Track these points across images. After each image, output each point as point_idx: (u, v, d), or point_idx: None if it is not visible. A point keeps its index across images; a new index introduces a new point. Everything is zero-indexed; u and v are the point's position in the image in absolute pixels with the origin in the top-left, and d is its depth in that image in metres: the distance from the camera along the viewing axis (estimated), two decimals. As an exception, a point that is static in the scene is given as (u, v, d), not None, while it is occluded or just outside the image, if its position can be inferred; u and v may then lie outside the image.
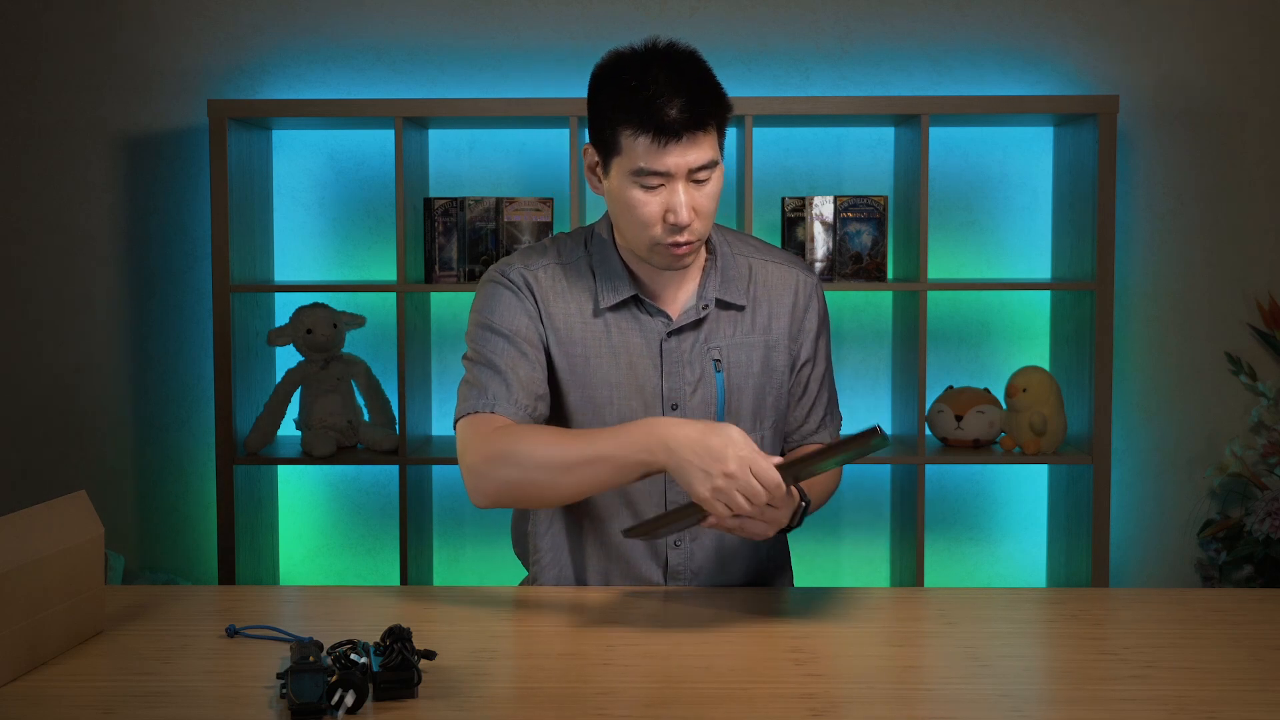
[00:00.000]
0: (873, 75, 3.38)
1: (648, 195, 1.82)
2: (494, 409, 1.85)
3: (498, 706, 1.49)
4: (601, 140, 1.84)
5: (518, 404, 1.86)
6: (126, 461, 3.48)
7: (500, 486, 1.79)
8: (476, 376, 1.89)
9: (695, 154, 1.80)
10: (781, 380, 2.01)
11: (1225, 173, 3.39)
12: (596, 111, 1.85)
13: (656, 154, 1.78)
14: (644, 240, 1.85)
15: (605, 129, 1.83)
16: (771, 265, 2.03)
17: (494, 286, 1.95)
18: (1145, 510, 3.44)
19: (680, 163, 1.79)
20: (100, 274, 3.44)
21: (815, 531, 3.43)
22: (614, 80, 1.82)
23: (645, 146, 1.78)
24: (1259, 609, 1.85)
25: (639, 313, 1.94)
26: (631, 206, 1.83)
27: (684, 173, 1.80)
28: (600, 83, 1.85)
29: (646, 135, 1.78)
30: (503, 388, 1.86)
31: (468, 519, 3.47)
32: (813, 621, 1.80)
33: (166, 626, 1.77)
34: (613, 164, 1.84)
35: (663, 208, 1.82)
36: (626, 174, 1.82)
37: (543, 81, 3.38)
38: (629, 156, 1.80)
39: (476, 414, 1.86)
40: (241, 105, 3.11)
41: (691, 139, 1.79)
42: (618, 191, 1.84)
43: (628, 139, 1.80)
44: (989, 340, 3.44)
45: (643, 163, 1.79)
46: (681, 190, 1.81)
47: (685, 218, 1.81)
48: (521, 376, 1.88)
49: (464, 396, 1.89)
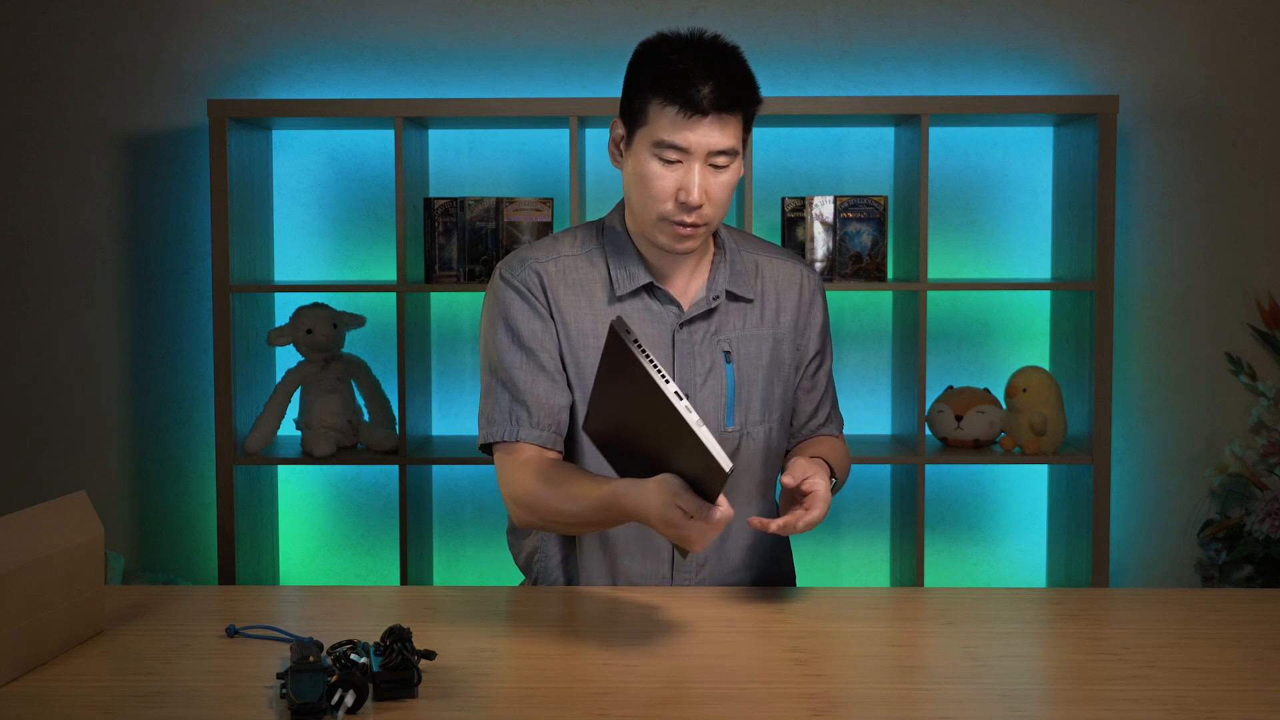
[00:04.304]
0: (873, 75, 3.38)
1: (665, 169, 1.86)
2: (518, 437, 1.93)
3: (498, 706, 1.49)
4: (630, 111, 1.89)
5: (541, 427, 1.93)
6: (126, 461, 3.48)
7: (529, 524, 1.93)
8: (498, 400, 1.95)
9: (718, 136, 1.84)
10: (788, 374, 2.04)
11: (1225, 173, 3.39)
12: (631, 82, 1.90)
13: (680, 128, 1.83)
14: (652, 215, 1.89)
15: (636, 99, 1.88)
16: (777, 261, 2.07)
17: (505, 291, 1.97)
18: (1145, 510, 3.44)
19: (702, 142, 1.83)
20: (100, 274, 3.44)
21: (815, 531, 3.43)
22: (654, 54, 1.87)
23: (671, 118, 1.83)
24: (1259, 609, 1.85)
25: (651, 302, 1.97)
26: (647, 179, 1.87)
27: (703, 153, 1.84)
28: (640, 56, 1.90)
29: (674, 106, 1.83)
30: (524, 412, 1.93)
31: (468, 519, 3.47)
32: (813, 621, 1.80)
33: (166, 626, 1.77)
34: (637, 135, 1.88)
35: (677, 185, 1.86)
36: (648, 145, 1.86)
37: (543, 81, 3.38)
38: (654, 127, 1.85)
39: (504, 443, 1.94)
40: (241, 105, 3.11)
41: (717, 119, 1.83)
42: (637, 164, 1.88)
43: (656, 109, 1.84)
44: (989, 340, 3.44)
45: (666, 135, 1.84)
46: (698, 170, 1.85)
47: (697, 197, 1.85)
48: (540, 394, 1.93)
49: (489, 418, 1.96)
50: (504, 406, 1.94)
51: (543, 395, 1.93)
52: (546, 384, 1.94)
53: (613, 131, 1.94)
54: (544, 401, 1.93)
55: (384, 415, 3.28)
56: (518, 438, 1.93)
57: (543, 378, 1.94)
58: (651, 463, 1.68)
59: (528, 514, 1.91)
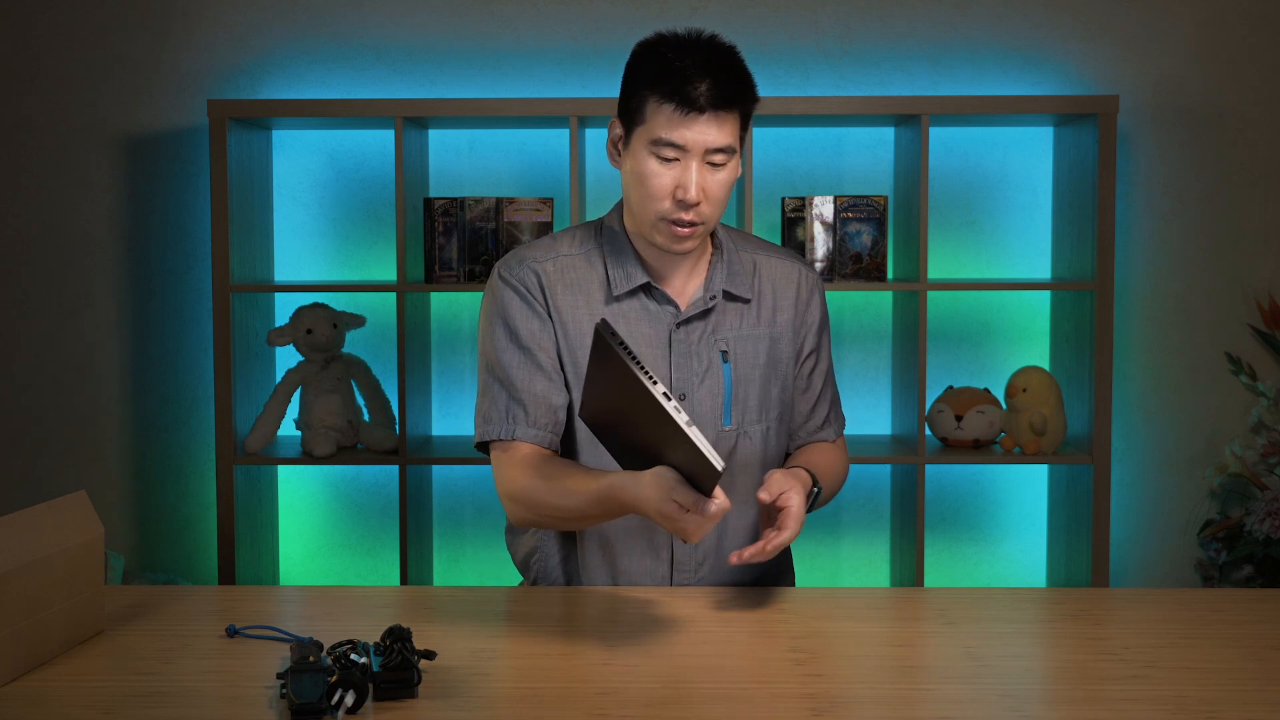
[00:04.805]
0: (873, 75, 3.38)
1: (662, 167, 1.86)
2: (514, 435, 1.94)
3: (498, 706, 1.49)
4: (628, 110, 1.90)
5: (537, 425, 1.94)
6: (126, 461, 3.48)
7: (526, 521, 1.95)
8: (495, 399, 1.96)
9: (714, 133, 1.84)
10: (786, 373, 2.04)
11: (1225, 173, 3.39)
12: (629, 81, 1.91)
13: (677, 125, 1.84)
14: (650, 214, 1.89)
15: (633, 98, 1.89)
16: (775, 260, 2.07)
17: (504, 290, 1.98)
18: (1145, 510, 3.44)
19: (698, 139, 1.84)
20: (100, 274, 3.44)
21: (815, 531, 3.43)
22: (651, 53, 1.88)
23: (668, 116, 1.84)
24: (1259, 609, 1.85)
25: (648, 302, 1.97)
26: (645, 178, 1.87)
27: (700, 151, 1.85)
28: (638, 55, 1.91)
29: (671, 104, 1.83)
30: (520, 411, 1.94)
31: (468, 519, 3.47)
32: (813, 621, 1.80)
33: (166, 626, 1.77)
34: (634, 134, 1.89)
35: (674, 183, 1.87)
36: (646, 144, 1.87)
37: (543, 81, 3.38)
38: (651, 125, 1.86)
39: (500, 441, 1.95)
40: (241, 105, 3.11)
41: (714, 117, 1.84)
42: (635, 163, 1.89)
43: (653, 107, 1.85)
44: (989, 340, 3.44)
45: (662, 133, 1.84)
46: (695, 169, 1.85)
47: (694, 195, 1.85)
48: (538, 393, 1.94)
49: (485, 417, 1.97)
50: (501, 405, 1.95)
51: (540, 394, 1.94)
52: (544, 383, 1.94)
53: (611, 131, 1.95)
54: (541, 400, 1.94)
55: (384, 415, 3.28)
56: (514, 436, 1.94)
57: (540, 377, 1.94)
58: (648, 455, 1.69)
59: (524, 510, 1.92)
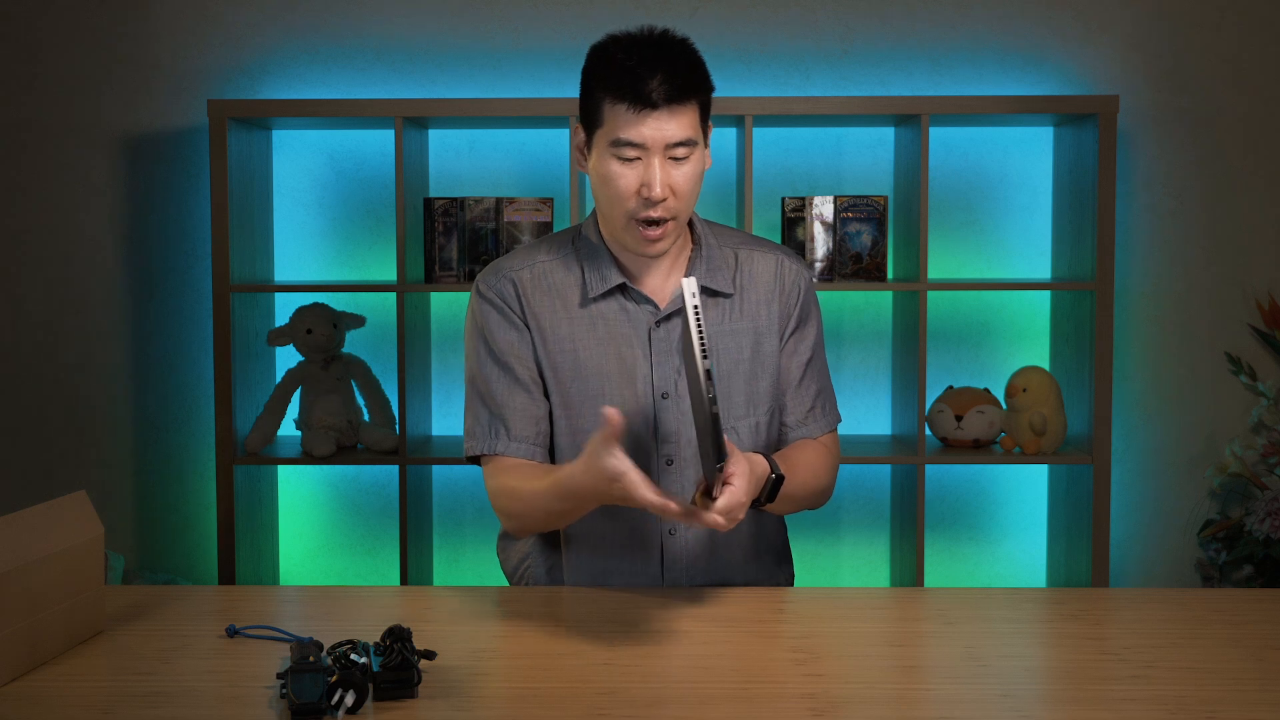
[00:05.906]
0: (873, 75, 3.38)
1: (624, 167, 1.86)
2: (497, 450, 1.96)
3: (498, 706, 1.49)
4: (587, 114, 1.90)
5: (520, 438, 1.96)
6: (126, 461, 3.48)
7: (523, 529, 1.97)
8: (478, 414, 1.98)
9: (673, 127, 1.83)
10: (773, 367, 2.02)
11: (1225, 173, 3.39)
12: (585, 85, 1.91)
13: (634, 124, 1.83)
14: (620, 215, 1.89)
15: (590, 101, 1.89)
16: (757, 253, 2.04)
17: (481, 304, 2.00)
18: (1145, 510, 3.44)
19: (657, 135, 1.83)
20: (100, 274, 3.44)
21: (815, 531, 3.43)
22: (603, 54, 1.88)
23: (623, 115, 1.83)
24: (1259, 609, 1.85)
25: (626, 302, 1.97)
26: (609, 179, 1.87)
27: (660, 146, 1.84)
28: (591, 58, 1.91)
29: (624, 103, 1.83)
30: (502, 426, 1.96)
31: (468, 519, 3.47)
32: (813, 621, 1.80)
33: (166, 626, 1.77)
34: (595, 137, 1.89)
35: (639, 181, 1.86)
36: (606, 146, 1.86)
37: (543, 81, 3.38)
38: (609, 127, 1.85)
39: (485, 455, 1.98)
40: (241, 105, 3.11)
41: (669, 111, 1.83)
42: (599, 165, 1.89)
43: (608, 108, 1.85)
44: (989, 340, 3.44)
45: (620, 133, 1.84)
46: (657, 165, 1.84)
47: (659, 192, 1.84)
48: (518, 407, 1.96)
49: (470, 431, 1.99)
50: (484, 420, 1.97)
51: (520, 408, 1.96)
52: (523, 397, 1.96)
53: (574, 137, 1.95)
54: (522, 414, 1.96)
55: (384, 415, 3.28)
56: (496, 451, 1.96)
57: (519, 391, 1.96)
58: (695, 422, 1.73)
59: (514, 521, 1.94)
